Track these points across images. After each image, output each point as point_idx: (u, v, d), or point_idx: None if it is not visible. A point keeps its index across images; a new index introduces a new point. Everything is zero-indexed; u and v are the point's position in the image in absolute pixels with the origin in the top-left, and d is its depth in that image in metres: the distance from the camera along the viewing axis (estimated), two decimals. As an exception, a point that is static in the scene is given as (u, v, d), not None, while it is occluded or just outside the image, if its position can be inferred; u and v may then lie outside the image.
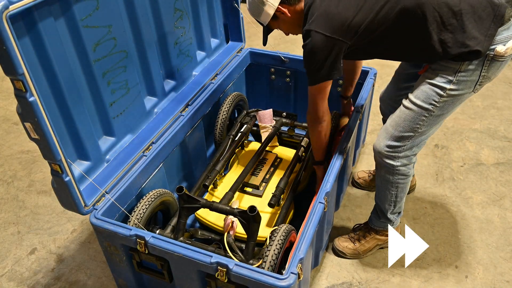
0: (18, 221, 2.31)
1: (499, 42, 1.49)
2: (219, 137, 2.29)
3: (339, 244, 2.03)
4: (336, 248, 2.03)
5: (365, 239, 2.01)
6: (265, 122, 2.31)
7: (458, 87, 1.55)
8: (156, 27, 1.91)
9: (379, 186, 1.85)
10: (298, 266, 1.39)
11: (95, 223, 1.56)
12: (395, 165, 1.72)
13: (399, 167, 1.72)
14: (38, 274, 2.04)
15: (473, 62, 1.51)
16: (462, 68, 1.52)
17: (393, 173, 1.75)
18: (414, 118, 1.62)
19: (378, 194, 1.89)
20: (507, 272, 1.96)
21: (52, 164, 1.44)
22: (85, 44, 1.53)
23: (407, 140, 1.66)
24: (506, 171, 2.46)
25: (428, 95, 1.58)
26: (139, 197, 1.79)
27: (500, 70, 1.57)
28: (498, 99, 3.06)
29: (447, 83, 1.55)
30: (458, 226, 2.18)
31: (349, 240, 2.03)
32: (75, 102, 1.55)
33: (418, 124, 1.63)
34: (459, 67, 1.52)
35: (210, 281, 1.47)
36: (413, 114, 1.62)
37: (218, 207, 1.70)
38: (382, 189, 1.84)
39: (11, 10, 1.18)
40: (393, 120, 1.68)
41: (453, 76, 1.54)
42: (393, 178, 1.76)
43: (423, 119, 1.61)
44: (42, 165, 2.66)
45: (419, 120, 1.62)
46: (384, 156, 1.71)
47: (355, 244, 2.01)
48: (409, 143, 1.67)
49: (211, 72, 2.30)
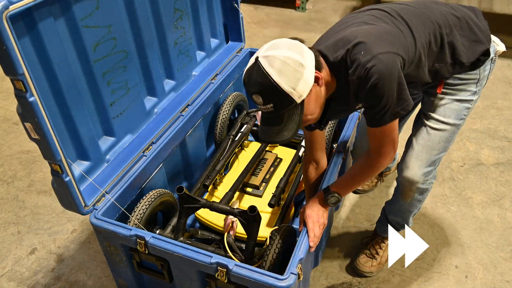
0: (18, 221, 2.31)
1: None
2: (219, 137, 2.29)
3: (363, 266, 1.95)
4: (362, 271, 1.95)
5: (381, 249, 1.97)
6: None
7: (479, 94, 1.57)
8: (156, 27, 1.91)
9: (404, 210, 1.78)
10: (298, 266, 1.39)
11: (95, 223, 1.56)
12: (429, 187, 1.68)
13: (431, 186, 1.70)
14: (38, 274, 2.04)
15: (486, 67, 1.51)
16: (481, 76, 1.52)
17: (424, 193, 1.70)
18: (448, 137, 1.60)
19: (402, 216, 1.82)
20: (507, 272, 1.96)
21: (52, 164, 1.44)
22: (85, 44, 1.53)
23: (439, 160, 1.64)
24: (506, 171, 2.46)
25: (458, 112, 1.56)
26: (139, 197, 1.79)
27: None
28: (498, 99, 3.07)
29: (472, 95, 1.55)
30: (458, 226, 2.18)
31: (368, 257, 1.97)
32: (75, 102, 1.55)
33: (451, 142, 1.62)
34: (478, 76, 1.52)
35: (210, 281, 1.47)
36: (448, 134, 1.59)
37: (218, 207, 1.70)
38: (409, 210, 1.78)
39: (11, 10, 1.18)
40: (425, 145, 1.59)
41: (476, 87, 1.54)
42: (422, 196, 1.73)
43: (455, 135, 1.61)
44: (42, 165, 2.66)
45: (452, 138, 1.61)
46: (421, 183, 1.63)
47: (377, 259, 1.96)
48: (439, 161, 1.66)
49: (211, 72, 2.30)
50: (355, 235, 2.16)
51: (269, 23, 4.25)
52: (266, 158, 2.24)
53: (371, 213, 2.27)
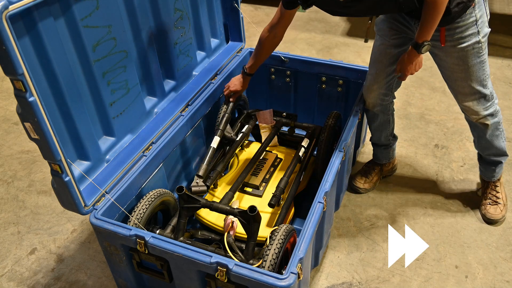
0: (18, 221, 2.31)
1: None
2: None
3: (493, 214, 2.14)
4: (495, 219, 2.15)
5: (499, 192, 2.19)
6: (265, 122, 2.31)
7: (485, 31, 1.74)
8: (156, 27, 1.91)
9: (490, 137, 1.99)
10: (298, 266, 1.39)
11: (95, 223, 1.56)
12: (495, 109, 1.93)
13: (497, 106, 1.95)
14: (38, 274, 2.04)
15: (480, 6, 1.66)
16: (477, 16, 1.68)
17: (496, 115, 1.95)
18: (480, 69, 1.80)
19: (493, 144, 2.03)
20: (507, 272, 1.96)
21: (52, 164, 1.44)
22: (85, 44, 1.53)
23: (486, 83, 1.85)
24: (506, 171, 2.46)
25: (473, 55, 1.75)
26: (139, 197, 1.79)
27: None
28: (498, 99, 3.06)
29: (476, 35, 1.72)
30: (458, 226, 2.18)
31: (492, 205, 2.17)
32: (75, 102, 1.55)
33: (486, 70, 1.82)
34: (475, 18, 1.68)
35: (210, 281, 1.47)
36: (476, 69, 1.79)
37: (218, 207, 1.70)
38: (495, 134, 2.00)
39: (11, 10, 1.18)
40: (464, 87, 1.84)
41: (476, 28, 1.71)
42: (498, 117, 1.96)
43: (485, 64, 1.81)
44: (42, 165, 2.66)
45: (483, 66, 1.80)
46: (483, 113, 1.90)
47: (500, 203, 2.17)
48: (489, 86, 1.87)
49: (211, 72, 2.30)
50: (355, 235, 2.16)
51: (269, 23, 4.24)
52: (266, 158, 2.24)
53: (371, 213, 2.27)
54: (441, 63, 1.89)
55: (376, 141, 2.32)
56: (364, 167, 2.43)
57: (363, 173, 2.38)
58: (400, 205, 2.31)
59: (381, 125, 2.21)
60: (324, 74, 2.41)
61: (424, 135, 2.76)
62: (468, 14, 1.67)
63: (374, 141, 2.34)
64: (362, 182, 2.34)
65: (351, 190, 2.38)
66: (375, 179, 2.38)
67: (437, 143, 2.69)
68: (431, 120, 2.88)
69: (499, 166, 2.14)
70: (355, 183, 2.36)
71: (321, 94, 2.49)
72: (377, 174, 2.39)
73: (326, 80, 2.42)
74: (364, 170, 2.39)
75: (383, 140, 2.28)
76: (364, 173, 2.38)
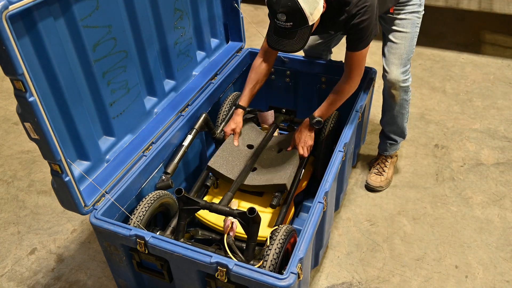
0: (18, 221, 2.31)
1: None
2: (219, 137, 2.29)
3: (374, 182, 2.37)
4: (373, 186, 2.37)
5: (387, 167, 2.41)
6: (267, 123, 2.31)
7: (423, 4, 2.05)
8: (156, 27, 1.91)
9: (396, 113, 2.22)
10: (298, 266, 1.39)
11: (95, 223, 1.56)
12: (409, 85, 2.13)
13: (410, 83, 2.14)
14: (38, 274, 2.04)
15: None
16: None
17: (407, 91, 2.15)
18: (411, 42, 2.06)
19: (396, 121, 2.26)
20: (507, 272, 1.96)
21: (52, 164, 1.44)
22: (85, 44, 1.53)
23: (409, 60, 2.10)
24: (506, 171, 2.46)
25: (412, 21, 2.03)
26: (139, 197, 1.79)
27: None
28: (498, 99, 3.07)
29: (419, 6, 2.02)
30: (458, 226, 2.18)
31: (377, 175, 2.39)
32: (75, 102, 1.55)
33: (413, 45, 2.08)
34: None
35: (210, 281, 1.47)
36: (409, 40, 2.05)
37: (218, 208, 1.70)
38: (400, 112, 2.22)
39: (11, 10, 1.18)
40: (395, 53, 2.06)
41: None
42: (407, 96, 2.17)
43: (415, 39, 2.07)
44: (42, 165, 2.66)
45: (413, 42, 2.07)
46: (401, 81, 2.08)
47: (384, 175, 2.39)
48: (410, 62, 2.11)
49: (211, 72, 2.30)
50: (355, 235, 2.16)
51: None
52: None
53: (371, 213, 2.27)
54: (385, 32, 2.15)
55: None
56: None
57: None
58: (400, 205, 2.31)
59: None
60: (324, 74, 2.41)
61: (424, 135, 2.76)
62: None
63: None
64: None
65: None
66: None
67: (437, 143, 2.69)
68: (431, 120, 2.88)
69: (394, 144, 2.37)
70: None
71: (321, 94, 2.49)
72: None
73: (326, 80, 2.42)
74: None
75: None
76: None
